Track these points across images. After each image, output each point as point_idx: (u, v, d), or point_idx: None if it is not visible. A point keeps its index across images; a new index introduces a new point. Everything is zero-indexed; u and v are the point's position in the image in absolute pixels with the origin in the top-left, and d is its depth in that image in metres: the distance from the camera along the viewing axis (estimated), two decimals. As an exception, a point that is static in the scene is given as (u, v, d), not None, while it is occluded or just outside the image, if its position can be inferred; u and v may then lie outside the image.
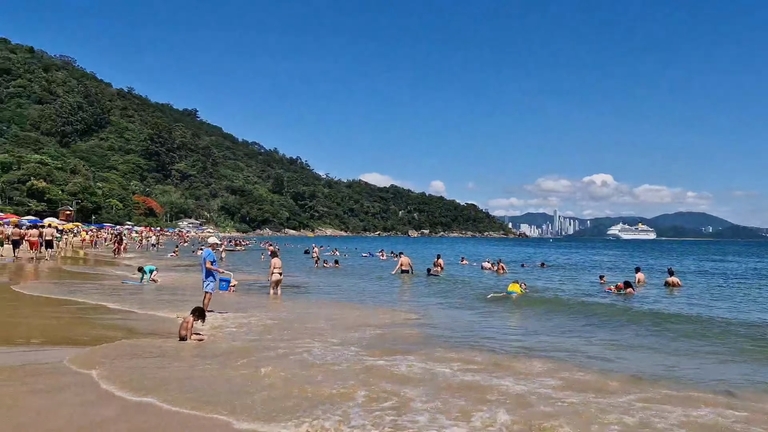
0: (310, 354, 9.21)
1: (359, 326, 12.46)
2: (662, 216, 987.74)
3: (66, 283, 19.22)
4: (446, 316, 14.95)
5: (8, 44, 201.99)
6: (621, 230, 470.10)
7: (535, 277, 28.62)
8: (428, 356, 9.30)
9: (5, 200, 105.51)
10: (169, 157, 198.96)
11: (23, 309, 13.22)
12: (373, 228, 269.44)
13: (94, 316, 12.85)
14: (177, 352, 9.24)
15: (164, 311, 13.64)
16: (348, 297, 19.27)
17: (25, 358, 8.53)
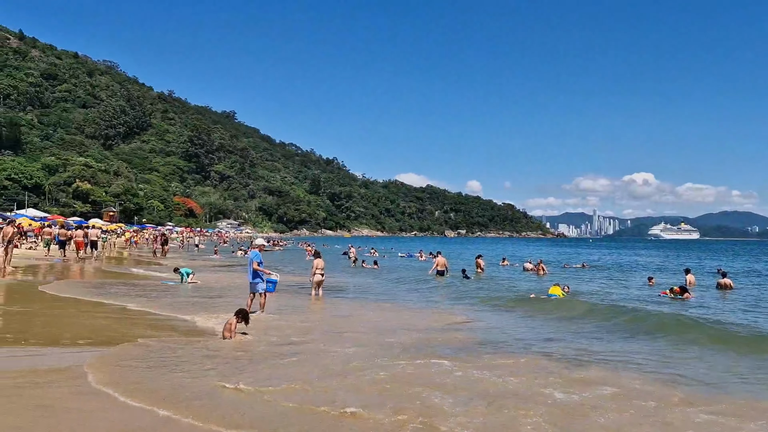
0: (347, 358, 8.88)
1: (401, 329, 12.06)
2: (706, 215, 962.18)
3: (104, 284, 19.18)
4: (490, 319, 14.42)
5: (54, 50, 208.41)
6: (663, 230, 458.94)
7: (579, 279, 27.77)
8: (472, 362, 8.87)
9: (52, 202, 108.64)
10: (209, 158, 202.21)
11: (37, 311, 13.11)
12: (410, 228, 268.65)
13: (122, 317, 12.79)
14: (188, 355, 9.06)
15: (193, 314, 13.31)
16: (389, 298, 18.80)
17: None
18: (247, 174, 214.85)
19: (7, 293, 15.79)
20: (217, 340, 10.09)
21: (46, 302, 14.07)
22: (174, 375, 7.60)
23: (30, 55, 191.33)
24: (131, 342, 9.63)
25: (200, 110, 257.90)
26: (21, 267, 23.70)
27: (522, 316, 14.97)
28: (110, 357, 8.49)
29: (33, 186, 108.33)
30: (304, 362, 8.56)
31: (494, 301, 17.80)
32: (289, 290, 19.92)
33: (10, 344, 9.14)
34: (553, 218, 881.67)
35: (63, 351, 8.93)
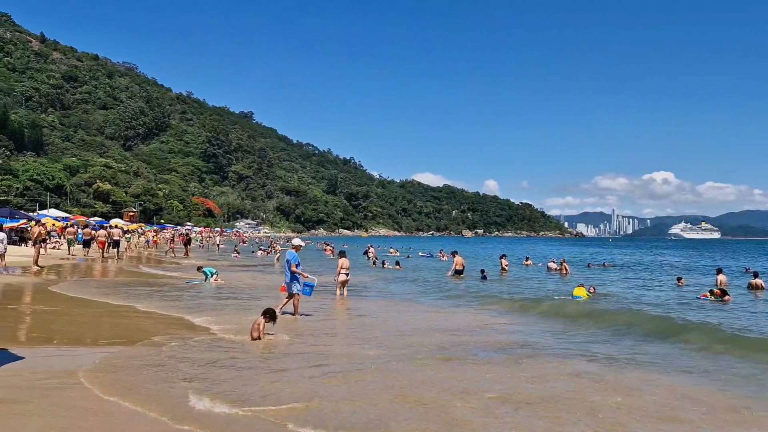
0: (378, 364, 8.49)
1: (432, 330, 11.77)
2: (727, 214, 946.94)
3: (129, 285, 19.06)
4: (519, 320, 13.98)
5: (75, 53, 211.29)
6: (683, 229, 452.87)
7: (604, 279, 27.09)
8: (511, 366, 8.54)
9: (73, 202, 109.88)
10: (227, 158, 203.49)
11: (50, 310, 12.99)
12: (427, 228, 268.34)
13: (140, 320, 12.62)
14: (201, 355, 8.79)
15: (221, 315, 13.16)
16: (413, 298, 18.39)
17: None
18: (265, 174, 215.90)
19: (35, 292, 15.79)
20: (245, 342, 9.84)
21: (74, 303, 13.94)
22: (192, 384, 7.16)
23: (51, 57, 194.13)
24: (154, 344, 9.40)
25: (218, 111, 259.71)
26: (48, 266, 23.83)
27: (550, 318, 14.50)
28: (128, 360, 8.25)
29: (55, 187, 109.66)
30: (334, 373, 7.89)
31: (520, 302, 17.19)
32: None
33: (41, 343, 9.05)
34: (572, 218, 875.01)
35: (92, 350, 8.74)
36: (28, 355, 7.94)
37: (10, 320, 11.12)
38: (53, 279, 19.56)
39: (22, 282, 18.33)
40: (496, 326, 12.93)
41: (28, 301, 14.47)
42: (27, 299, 14.71)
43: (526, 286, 22.93)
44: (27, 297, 15.12)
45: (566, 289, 19.93)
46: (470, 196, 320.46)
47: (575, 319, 14.23)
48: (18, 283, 17.74)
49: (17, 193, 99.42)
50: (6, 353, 7.82)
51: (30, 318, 11.79)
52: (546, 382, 7.63)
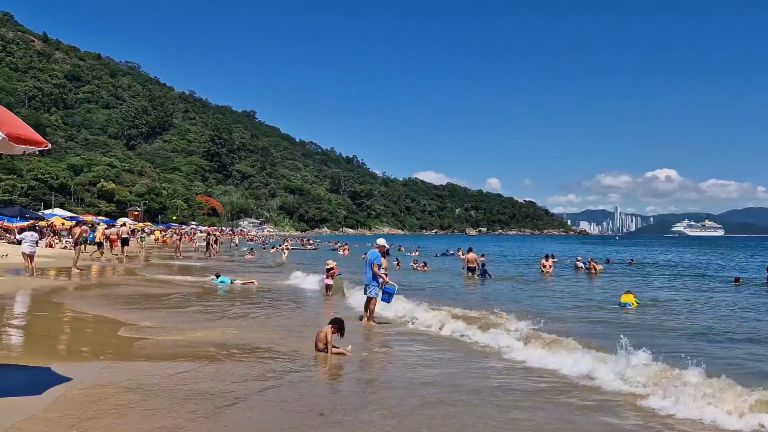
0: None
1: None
2: (730, 212, 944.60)
3: (167, 299, 17.94)
4: (585, 332, 11.86)
5: (78, 52, 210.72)
6: (687, 227, 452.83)
7: (642, 283, 26.04)
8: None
9: (77, 201, 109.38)
10: (230, 157, 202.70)
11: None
12: (430, 226, 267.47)
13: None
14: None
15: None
16: (454, 301, 16.86)
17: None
18: (268, 173, 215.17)
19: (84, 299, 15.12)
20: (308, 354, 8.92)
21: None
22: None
23: (54, 57, 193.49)
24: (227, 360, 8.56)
25: (221, 110, 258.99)
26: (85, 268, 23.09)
27: (624, 328, 12.36)
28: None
29: (59, 186, 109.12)
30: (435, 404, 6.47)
31: (571, 311, 15.35)
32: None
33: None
34: (574, 216, 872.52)
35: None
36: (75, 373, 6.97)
37: (50, 330, 10.20)
38: (94, 284, 18.95)
39: (62, 286, 17.60)
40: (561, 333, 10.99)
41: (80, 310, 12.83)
42: (78, 309, 13.08)
43: (562, 289, 21.83)
44: (77, 305, 13.57)
45: (609, 295, 18.65)
46: (473, 195, 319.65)
47: (640, 328, 12.45)
48: (59, 287, 16.96)
49: (21, 193, 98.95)
50: (48, 372, 6.96)
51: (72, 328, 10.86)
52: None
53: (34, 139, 4.95)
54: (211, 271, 24.73)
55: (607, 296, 18.85)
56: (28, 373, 6.79)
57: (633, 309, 15.41)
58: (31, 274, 18.87)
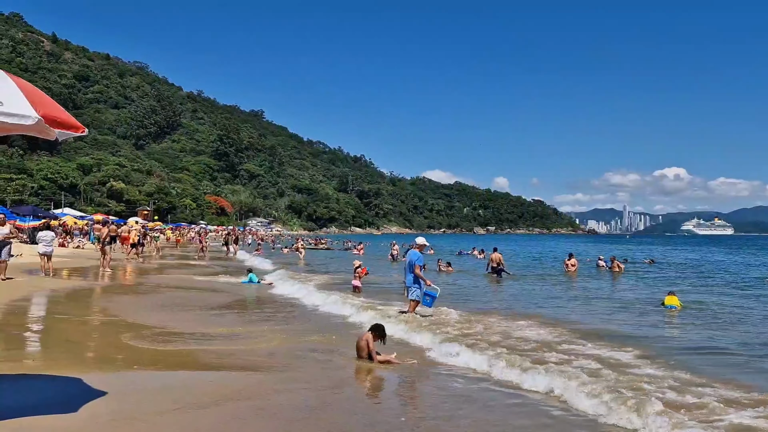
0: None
1: (544, 348, 9.55)
2: (740, 210, 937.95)
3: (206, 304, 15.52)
4: (626, 336, 11.07)
5: (86, 52, 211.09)
6: (696, 226, 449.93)
7: (663, 279, 25.30)
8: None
9: (87, 201, 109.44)
10: (238, 157, 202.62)
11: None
12: (438, 225, 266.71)
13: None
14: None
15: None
16: (490, 304, 15.72)
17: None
18: (276, 172, 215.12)
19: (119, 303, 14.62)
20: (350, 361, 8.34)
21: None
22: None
23: (63, 57, 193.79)
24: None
25: (229, 109, 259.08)
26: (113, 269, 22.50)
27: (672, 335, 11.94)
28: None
29: (69, 186, 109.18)
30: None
31: (622, 315, 14.30)
32: (379, 291, 18.33)
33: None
34: (582, 215, 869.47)
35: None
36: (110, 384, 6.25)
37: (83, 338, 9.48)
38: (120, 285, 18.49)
39: (83, 287, 17.08)
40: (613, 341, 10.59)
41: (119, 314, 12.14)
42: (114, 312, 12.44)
43: (596, 289, 21.12)
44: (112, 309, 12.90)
45: (646, 297, 17.89)
46: (481, 194, 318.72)
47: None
48: (80, 289, 16.41)
49: (32, 192, 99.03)
50: (80, 384, 6.24)
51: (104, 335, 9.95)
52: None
53: (71, 123, 4.44)
54: (231, 271, 24.39)
55: (642, 296, 18.17)
56: (58, 386, 6.14)
57: (678, 311, 14.68)
58: (47, 274, 18.46)
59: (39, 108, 4.08)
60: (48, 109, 4.21)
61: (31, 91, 4.28)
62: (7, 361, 7.07)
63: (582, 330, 11.49)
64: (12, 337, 8.88)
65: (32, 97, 4.19)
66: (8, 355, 7.41)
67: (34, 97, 4.21)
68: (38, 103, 4.14)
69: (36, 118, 4.01)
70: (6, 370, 6.51)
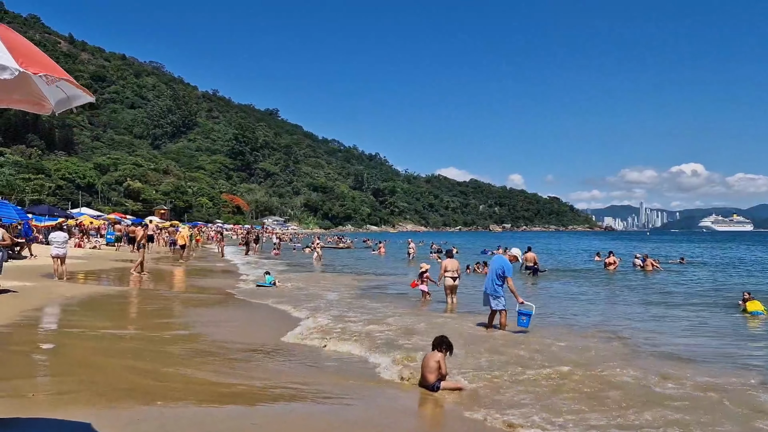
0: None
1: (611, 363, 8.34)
2: (759, 206, 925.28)
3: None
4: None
5: (103, 53, 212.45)
6: (714, 222, 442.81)
7: (718, 281, 23.74)
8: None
9: (104, 201, 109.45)
10: (253, 156, 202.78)
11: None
12: (454, 223, 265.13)
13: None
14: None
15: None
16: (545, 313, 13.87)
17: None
18: (292, 171, 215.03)
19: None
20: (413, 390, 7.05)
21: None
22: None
23: (80, 58, 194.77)
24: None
25: (244, 108, 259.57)
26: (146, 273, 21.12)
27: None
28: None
29: (86, 185, 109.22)
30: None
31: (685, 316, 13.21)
32: (399, 295, 17.18)
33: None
34: (598, 211, 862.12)
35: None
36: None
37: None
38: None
39: (103, 293, 16.00)
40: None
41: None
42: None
43: (647, 287, 19.89)
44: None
45: (709, 301, 16.61)
46: (497, 191, 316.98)
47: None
48: (98, 295, 15.25)
49: (50, 192, 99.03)
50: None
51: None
52: None
53: (72, 82, 3.23)
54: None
55: (709, 300, 16.75)
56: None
57: (766, 317, 13.29)
58: (61, 278, 17.41)
59: (24, 61, 2.98)
60: (38, 64, 3.09)
61: (14, 40, 3.10)
62: (5, 396, 5.80)
63: (670, 352, 9.56)
64: (14, 360, 7.60)
65: (15, 46, 3.05)
66: (6, 388, 5.99)
67: (20, 48, 3.06)
68: (25, 56, 3.01)
69: (16, 69, 2.94)
70: (2, 411, 5.26)
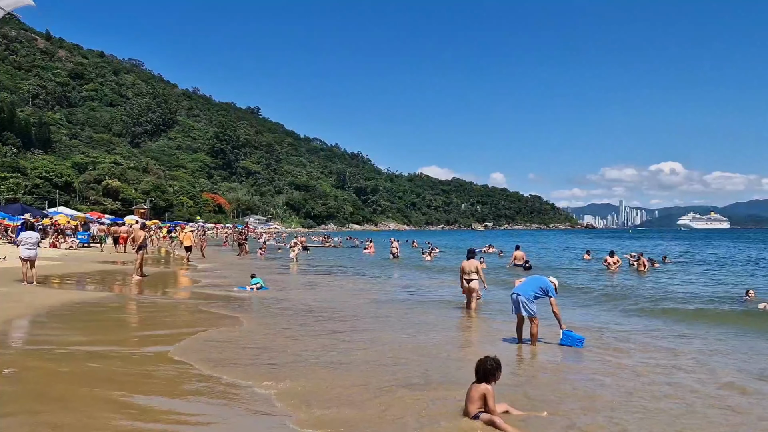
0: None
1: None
2: (736, 204, 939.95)
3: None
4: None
5: (81, 50, 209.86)
6: (692, 220, 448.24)
7: (715, 279, 23.62)
8: None
9: (82, 200, 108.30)
10: (234, 154, 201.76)
11: None
12: (436, 221, 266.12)
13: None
14: None
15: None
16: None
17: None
18: (273, 169, 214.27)
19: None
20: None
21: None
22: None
23: (57, 55, 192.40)
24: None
25: (225, 107, 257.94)
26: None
27: None
28: None
29: (64, 184, 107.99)
30: None
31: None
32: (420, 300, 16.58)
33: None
34: (579, 209, 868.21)
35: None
36: None
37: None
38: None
39: (79, 301, 14.38)
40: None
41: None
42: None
43: (650, 289, 19.53)
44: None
45: (653, 287, 16.96)
46: (479, 189, 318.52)
47: None
48: (72, 305, 13.14)
49: (26, 191, 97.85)
50: None
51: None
52: None
53: None
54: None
55: (719, 301, 16.43)
56: None
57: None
58: (30, 282, 15.98)
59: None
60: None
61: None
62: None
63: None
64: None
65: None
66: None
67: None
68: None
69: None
70: None
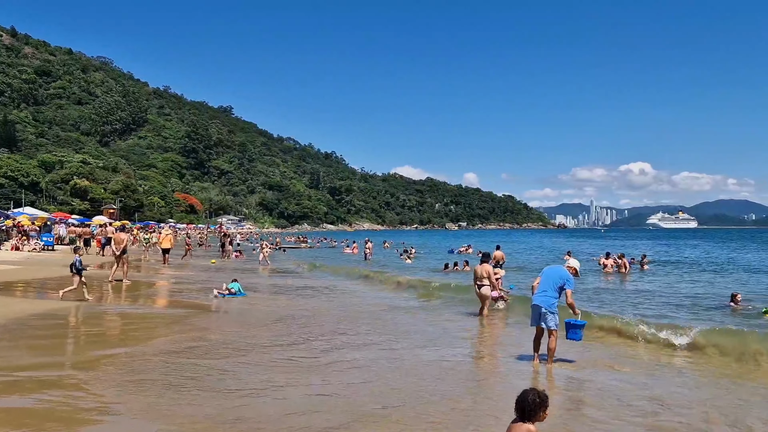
0: None
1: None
2: (703, 204, 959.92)
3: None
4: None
5: (48, 47, 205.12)
6: (661, 219, 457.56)
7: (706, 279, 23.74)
8: None
9: (49, 200, 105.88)
10: (207, 154, 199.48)
11: None
12: (410, 221, 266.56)
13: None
14: None
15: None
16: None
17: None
18: (246, 169, 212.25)
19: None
20: None
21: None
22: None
23: (23, 51, 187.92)
24: None
25: (197, 105, 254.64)
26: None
27: None
28: None
29: (30, 184, 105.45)
30: None
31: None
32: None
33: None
34: (550, 209, 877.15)
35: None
36: None
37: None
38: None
39: (43, 313, 12.16)
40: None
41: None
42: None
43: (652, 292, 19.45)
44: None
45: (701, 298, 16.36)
46: (453, 189, 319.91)
47: None
48: (34, 318, 11.50)
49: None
50: None
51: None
52: None
53: None
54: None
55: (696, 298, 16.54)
56: None
57: None
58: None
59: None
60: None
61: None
62: None
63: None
64: None
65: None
66: None
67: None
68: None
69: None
70: None
